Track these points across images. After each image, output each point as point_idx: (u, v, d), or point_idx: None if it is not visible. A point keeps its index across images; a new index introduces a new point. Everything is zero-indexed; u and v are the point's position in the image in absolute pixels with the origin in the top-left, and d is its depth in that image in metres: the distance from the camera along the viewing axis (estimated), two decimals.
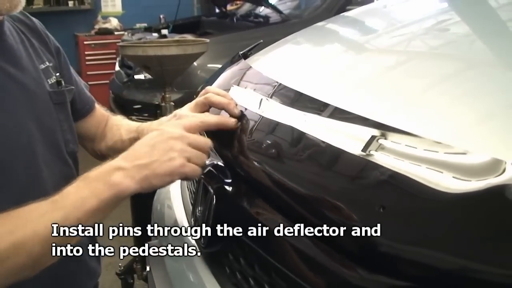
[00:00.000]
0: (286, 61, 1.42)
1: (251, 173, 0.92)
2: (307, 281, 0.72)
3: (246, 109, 1.06)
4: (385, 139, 0.73)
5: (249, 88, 1.18)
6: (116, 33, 6.15)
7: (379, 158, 0.70)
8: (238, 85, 1.24)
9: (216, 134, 1.05)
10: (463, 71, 0.95)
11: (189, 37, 3.88)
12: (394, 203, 0.65)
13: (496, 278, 0.53)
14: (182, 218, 1.22)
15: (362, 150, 0.72)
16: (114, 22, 6.36)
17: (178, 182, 1.42)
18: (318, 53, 1.45)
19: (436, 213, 0.60)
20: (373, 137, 0.74)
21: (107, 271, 2.82)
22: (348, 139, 0.79)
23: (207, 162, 1.00)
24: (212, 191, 0.98)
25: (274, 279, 0.78)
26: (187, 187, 1.29)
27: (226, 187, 0.97)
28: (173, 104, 2.70)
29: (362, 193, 0.70)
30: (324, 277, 0.70)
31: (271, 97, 1.04)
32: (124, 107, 4.23)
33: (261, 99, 1.04)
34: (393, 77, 1.00)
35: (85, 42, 6.02)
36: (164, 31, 4.75)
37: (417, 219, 0.61)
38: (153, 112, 2.79)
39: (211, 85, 1.38)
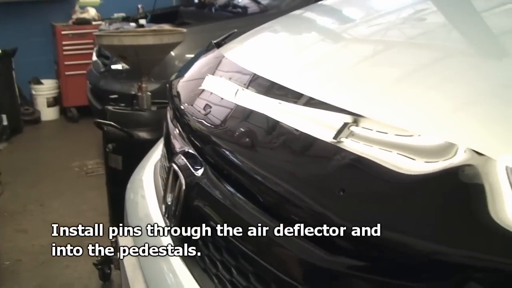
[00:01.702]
0: (260, 50, 1.41)
1: (223, 161, 0.91)
2: (272, 264, 0.72)
3: (222, 98, 1.05)
4: (357, 126, 0.73)
5: (223, 78, 1.17)
6: (94, 23, 6.08)
7: (350, 144, 0.70)
8: (212, 74, 1.23)
9: (189, 121, 1.04)
10: (438, 61, 0.95)
11: (166, 27, 3.85)
12: (356, 186, 0.66)
13: (460, 259, 0.53)
14: (154, 207, 1.21)
15: (333, 138, 0.72)
16: (92, 12, 6.28)
17: (151, 168, 1.41)
18: (293, 42, 1.45)
19: (404, 194, 0.60)
20: (344, 125, 0.74)
21: (85, 262, 2.81)
22: (320, 127, 0.79)
23: (178, 149, 0.99)
24: (182, 178, 0.98)
25: (241, 263, 0.78)
26: (160, 175, 1.28)
27: (196, 174, 0.96)
28: (150, 94, 2.68)
29: (330, 178, 0.70)
30: (289, 260, 0.70)
31: (246, 87, 1.03)
32: (101, 97, 4.20)
33: (237, 90, 1.04)
34: (368, 67, 1.00)
35: (62, 32, 5.93)
36: (142, 21, 4.72)
37: (383, 201, 0.62)
38: (130, 102, 2.76)
39: (184, 74, 1.37)
